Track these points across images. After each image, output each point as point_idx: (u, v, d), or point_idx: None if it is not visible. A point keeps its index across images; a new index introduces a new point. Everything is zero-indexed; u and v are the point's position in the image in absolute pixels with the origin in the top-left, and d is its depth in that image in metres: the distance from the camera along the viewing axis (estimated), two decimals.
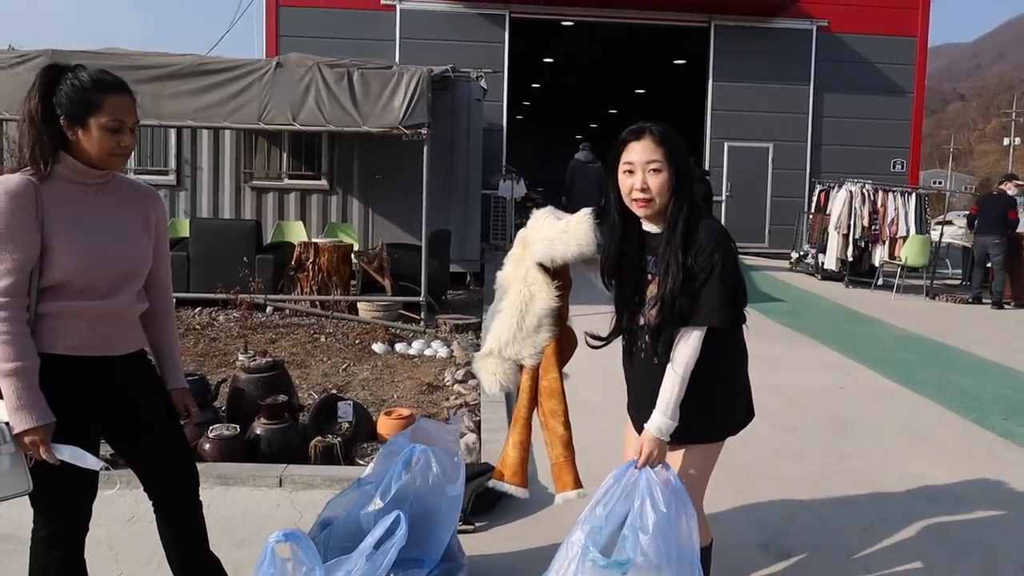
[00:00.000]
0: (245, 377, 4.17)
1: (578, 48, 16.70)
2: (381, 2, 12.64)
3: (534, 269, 2.32)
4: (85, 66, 1.97)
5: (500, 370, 2.36)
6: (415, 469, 2.44)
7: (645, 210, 2.15)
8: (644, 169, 2.12)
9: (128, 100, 1.96)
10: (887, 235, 10.60)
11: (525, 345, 2.33)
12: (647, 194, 2.12)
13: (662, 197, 2.12)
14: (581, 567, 2.00)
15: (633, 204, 2.16)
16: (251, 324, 6.76)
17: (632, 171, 2.14)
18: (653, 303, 2.16)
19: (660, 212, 2.16)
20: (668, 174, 2.11)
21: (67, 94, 1.89)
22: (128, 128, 1.95)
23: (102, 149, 1.92)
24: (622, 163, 2.17)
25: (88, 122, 1.89)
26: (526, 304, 2.32)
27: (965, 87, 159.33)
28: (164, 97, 6.52)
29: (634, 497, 2.05)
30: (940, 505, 3.57)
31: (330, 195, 9.58)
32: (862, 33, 13.66)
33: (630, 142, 2.16)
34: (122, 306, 2.00)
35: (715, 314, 2.09)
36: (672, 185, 2.12)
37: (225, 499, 3.42)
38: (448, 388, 5.37)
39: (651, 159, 2.11)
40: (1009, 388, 5.78)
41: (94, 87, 1.90)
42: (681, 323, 2.10)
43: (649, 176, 2.11)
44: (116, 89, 1.94)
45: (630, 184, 2.14)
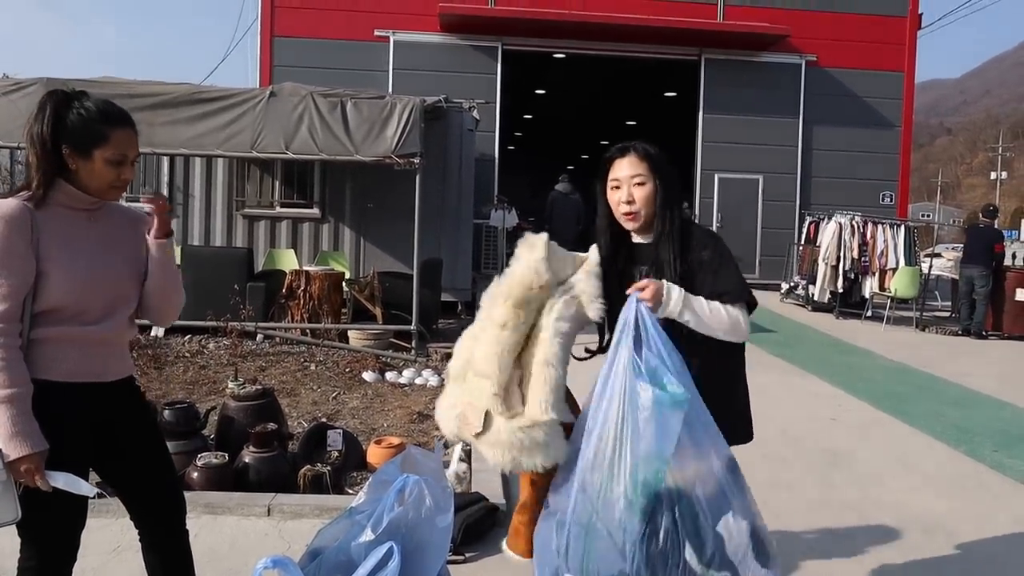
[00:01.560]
0: (234, 405, 4.14)
1: (570, 80, 16.91)
2: (375, 33, 12.80)
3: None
4: (89, 94, 1.97)
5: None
6: (408, 501, 2.41)
7: (633, 223, 2.22)
8: (629, 183, 2.20)
9: (133, 134, 1.97)
10: (877, 267, 10.69)
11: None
12: (633, 206, 2.20)
13: (647, 208, 2.20)
14: (637, 402, 1.89)
15: (622, 218, 2.23)
16: (241, 352, 6.72)
17: (619, 186, 2.22)
18: None
19: (647, 224, 2.23)
20: (652, 186, 2.20)
21: (74, 124, 1.88)
22: (130, 161, 1.96)
23: (102, 181, 1.92)
24: (609, 180, 2.26)
25: (92, 154, 1.89)
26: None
27: (952, 122, 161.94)
28: (158, 125, 6.54)
29: (640, 327, 1.99)
30: (932, 537, 3.55)
31: (322, 223, 9.59)
32: (850, 68, 13.91)
33: (616, 159, 2.26)
34: (114, 331, 1.99)
35: (743, 291, 2.15)
36: (657, 197, 2.20)
37: (212, 528, 3.37)
38: None
39: (635, 173, 2.20)
40: (999, 420, 5.79)
41: (101, 119, 1.90)
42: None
43: (634, 189, 2.20)
44: (123, 123, 1.94)
45: (617, 199, 2.22)
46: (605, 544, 1.97)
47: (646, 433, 1.91)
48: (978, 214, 12.58)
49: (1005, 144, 72.74)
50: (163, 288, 2.09)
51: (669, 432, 1.91)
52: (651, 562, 1.92)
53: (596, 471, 1.98)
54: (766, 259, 13.57)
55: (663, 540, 1.94)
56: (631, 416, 1.93)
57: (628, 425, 1.93)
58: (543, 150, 24.03)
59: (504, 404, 2.06)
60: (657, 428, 1.91)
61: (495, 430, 2.06)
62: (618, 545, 1.95)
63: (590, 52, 13.71)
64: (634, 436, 1.92)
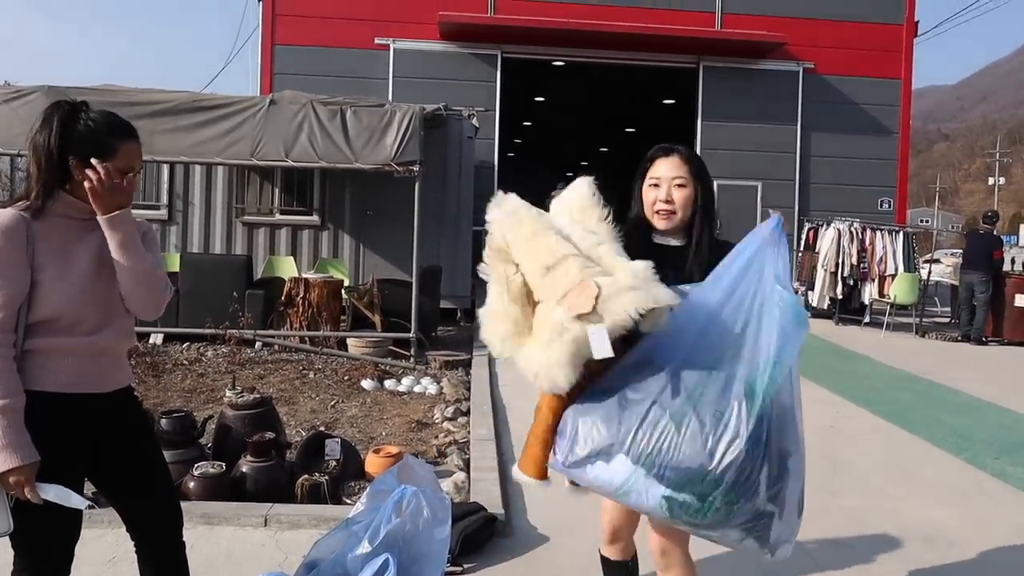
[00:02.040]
0: (232, 414, 4.12)
1: (569, 87, 16.93)
2: (375, 41, 12.82)
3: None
4: (91, 105, 1.97)
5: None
6: (405, 512, 2.40)
7: (667, 222, 2.23)
8: (670, 183, 2.22)
9: (138, 147, 1.98)
10: (876, 273, 10.69)
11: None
12: (671, 206, 2.21)
13: (685, 211, 2.22)
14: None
15: (655, 216, 2.24)
16: (240, 360, 6.70)
17: (658, 185, 2.23)
18: None
19: (679, 227, 2.24)
20: (692, 190, 2.22)
21: (81, 135, 1.88)
22: (134, 174, 1.96)
23: None
24: (648, 178, 2.27)
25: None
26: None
27: (950, 128, 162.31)
28: (158, 133, 6.55)
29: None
30: (933, 546, 3.53)
31: (321, 231, 9.60)
32: (847, 75, 13.92)
33: (658, 158, 2.27)
34: (110, 342, 1.98)
35: None
36: (696, 202, 2.23)
37: (209, 539, 3.35)
38: (437, 425, 5.32)
39: (677, 175, 2.22)
40: (1000, 427, 5.77)
41: (109, 131, 1.90)
42: None
43: (674, 190, 2.21)
44: (130, 135, 1.95)
45: (654, 196, 2.23)
46: (692, 435, 1.80)
47: (778, 337, 1.85)
48: (977, 220, 12.61)
49: (1003, 150, 72.86)
50: (126, 274, 1.93)
51: (795, 343, 1.86)
52: (742, 468, 1.78)
53: (707, 357, 1.87)
54: None
55: (756, 450, 1.81)
56: (766, 315, 1.86)
57: (763, 322, 1.86)
58: (543, 157, 24.06)
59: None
60: (786, 336, 1.85)
61: (609, 285, 1.81)
62: (709, 440, 1.80)
63: (589, 60, 13.73)
64: (767, 335, 1.85)
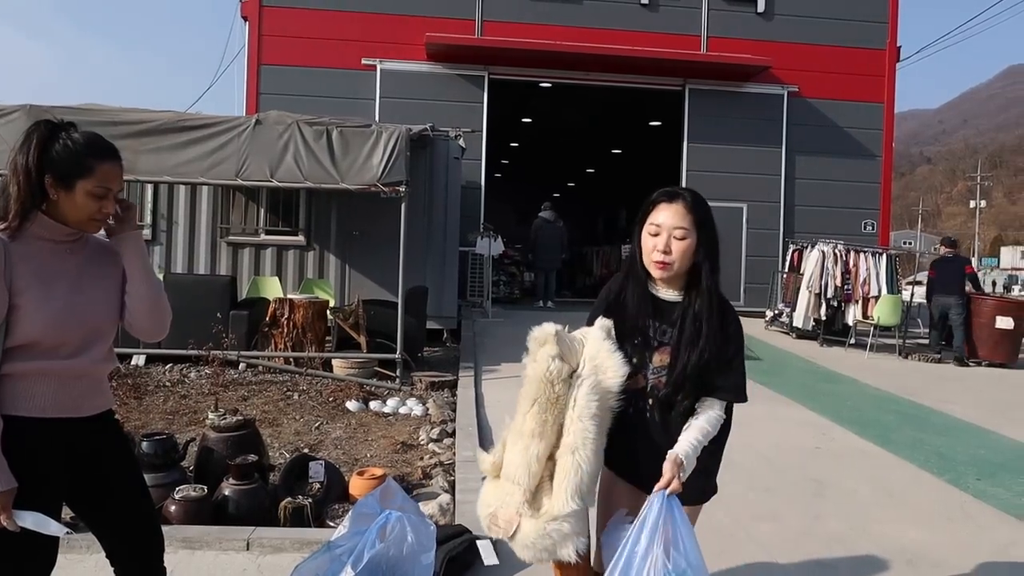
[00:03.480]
0: (214, 436, 4.08)
1: (556, 109, 17.06)
2: (362, 62, 12.88)
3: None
4: (76, 125, 1.95)
5: None
6: (389, 537, 2.38)
7: (663, 272, 2.16)
8: (670, 232, 2.14)
9: (118, 167, 1.96)
10: (860, 295, 10.77)
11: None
12: (668, 257, 2.14)
13: (682, 263, 2.15)
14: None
15: (652, 265, 2.17)
16: (223, 381, 6.64)
17: (658, 233, 2.16)
18: (662, 372, 2.18)
19: (676, 278, 2.18)
20: (692, 242, 2.14)
21: (59, 154, 1.87)
22: (113, 195, 1.94)
23: (82, 213, 1.90)
24: (648, 223, 2.19)
25: (75, 185, 1.87)
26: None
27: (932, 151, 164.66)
28: (142, 152, 6.52)
29: (669, 525, 2.00)
30: (917, 568, 3.54)
31: (307, 251, 9.57)
32: (831, 98, 14.13)
33: (660, 203, 2.19)
34: (90, 365, 1.96)
35: (743, 392, 2.18)
36: (696, 252, 2.15)
37: (190, 564, 3.30)
38: (423, 447, 5.28)
39: (679, 225, 2.13)
40: (982, 448, 5.81)
41: (88, 151, 1.89)
42: (699, 393, 2.14)
43: (673, 241, 2.13)
44: (109, 156, 1.93)
45: (652, 244, 2.16)
46: None
47: None
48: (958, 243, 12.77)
49: (983, 173, 74.05)
50: (146, 296, 2.01)
51: None
52: None
53: None
54: (751, 287, 13.64)
55: None
56: None
57: None
58: (529, 178, 24.16)
59: (533, 506, 2.13)
60: None
61: (524, 533, 2.11)
62: None
63: (576, 82, 13.85)
64: None
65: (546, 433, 2.12)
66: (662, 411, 2.17)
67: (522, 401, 2.18)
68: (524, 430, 2.15)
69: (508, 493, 2.16)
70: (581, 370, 2.17)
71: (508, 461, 2.18)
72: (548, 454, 2.14)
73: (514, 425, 2.21)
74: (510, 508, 2.14)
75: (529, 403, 2.15)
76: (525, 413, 2.16)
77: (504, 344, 8.70)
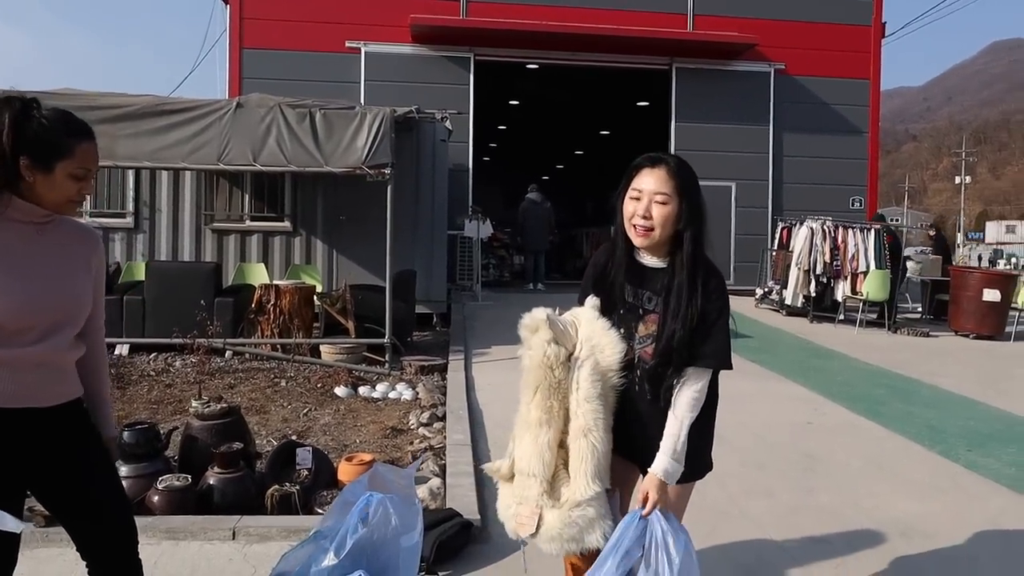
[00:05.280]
0: (198, 424, 4.01)
1: (543, 91, 16.92)
2: (346, 45, 12.71)
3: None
4: (42, 103, 1.86)
5: None
6: (372, 522, 2.33)
7: (644, 239, 2.11)
8: (651, 198, 2.08)
9: (95, 147, 1.89)
10: (848, 270, 10.77)
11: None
12: (648, 222, 2.08)
13: (664, 229, 2.09)
14: None
15: (632, 230, 2.12)
16: (209, 370, 6.56)
17: (639, 198, 2.11)
18: (649, 341, 2.13)
19: (658, 245, 2.13)
20: (674, 208, 2.08)
21: (36, 135, 1.78)
22: (91, 175, 1.87)
23: (61, 195, 1.83)
24: (631, 188, 2.14)
25: (54, 166, 1.79)
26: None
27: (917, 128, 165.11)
28: (120, 138, 6.39)
29: (650, 551, 1.98)
30: (910, 540, 3.52)
31: (293, 237, 9.46)
32: (818, 75, 14.07)
33: (643, 168, 2.14)
34: (55, 352, 1.88)
35: (727, 358, 2.11)
36: (679, 219, 2.09)
37: (174, 555, 3.24)
38: (413, 431, 5.23)
39: (660, 190, 2.08)
40: (972, 420, 5.82)
41: (66, 131, 1.81)
42: (686, 364, 2.08)
43: (655, 206, 2.08)
44: (87, 135, 1.86)
45: (632, 210, 2.11)
46: None
47: None
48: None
49: (968, 149, 74.25)
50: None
51: None
52: None
53: None
54: (740, 265, 13.62)
55: None
56: None
57: None
58: (518, 161, 24.02)
59: (552, 496, 2.08)
60: None
61: (548, 524, 2.07)
62: None
63: (562, 62, 13.72)
64: None
65: (553, 419, 2.08)
66: (651, 382, 2.12)
67: (524, 391, 2.14)
68: (531, 420, 2.11)
69: (525, 487, 2.11)
70: (579, 352, 2.13)
71: (520, 455, 2.13)
72: (559, 441, 2.10)
73: (520, 417, 2.16)
74: (530, 502, 2.09)
75: (532, 392, 2.11)
76: (529, 403, 2.11)
77: (494, 327, 8.65)
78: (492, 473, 2.24)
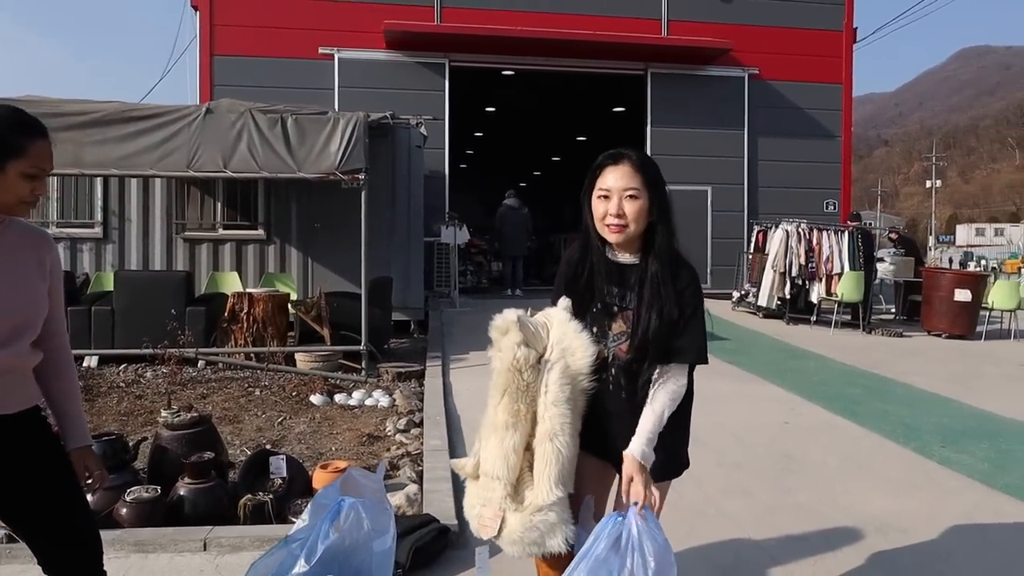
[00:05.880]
0: (168, 434, 3.92)
1: (519, 97, 16.95)
2: (319, 51, 12.64)
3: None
4: None
5: None
6: (343, 526, 2.28)
7: (618, 236, 2.09)
8: (621, 195, 2.07)
9: (49, 145, 1.83)
10: (823, 272, 10.87)
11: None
12: (622, 220, 2.06)
13: (638, 224, 2.08)
14: None
15: (606, 230, 2.10)
16: (180, 380, 6.45)
17: (608, 196, 2.09)
18: (623, 338, 2.10)
19: (631, 240, 2.11)
20: (645, 202, 2.07)
21: None
22: (45, 174, 1.81)
23: (13, 195, 1.76)
24: (597, 189, 2.12)
25: (6, 166, 1.73)
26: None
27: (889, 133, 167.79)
28: (87, 145, 6.28)
29: (625, 553, 1.93)
30: (887, 536, 3.53)
31: (267, 245, 9.36)
32: (791, 80, 14.24)
33: (607, 167, 2.12)
34: (18, 358, 1.82)
35: (704, 352, 2.09)
36: (650, 212, 2.08)
37: (143, 568, 3.16)
38: (389, 438, 5.17)
39: (628, 185, 2.07)
40: (945, 417, 5.87)
41: (18, 129, 1.75)
42: (663, 360, 2.06)
43: (625, 202, 2.06)
44: (40, 133, 1.80)
45: (604, 210, 2.09)
46: None
47: None
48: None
49: (938, 154, 75.53)
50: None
51: None
52: None
53: None
54: (717, 268, 13.72)
55: None
56: None
57: None
58: (495, 168, 24.02)
59: (516, 499, 2.07)
60: None
61: (510, 528, 2.06)
62: None
63: (538, 68, 13.75)
64: None
65: (520, 423, 2.06)
66: (626, 380, 2.10)
67: (492, 393, 2.12)
68: (497, 422, 2.09)
69: (489, 490, 2.10)
70: (549, 355, 2.10)
71: (485, 457, 2.12)
72: (525, 444, 2.08)
73: (487, 419, 2.14)
74: (493, 504, 2.09)
75: (499, 394, 2.09)
76: (496, 405, 2.10)
77: (472, 333, 8.60)
78: (458, 470, 2.22)
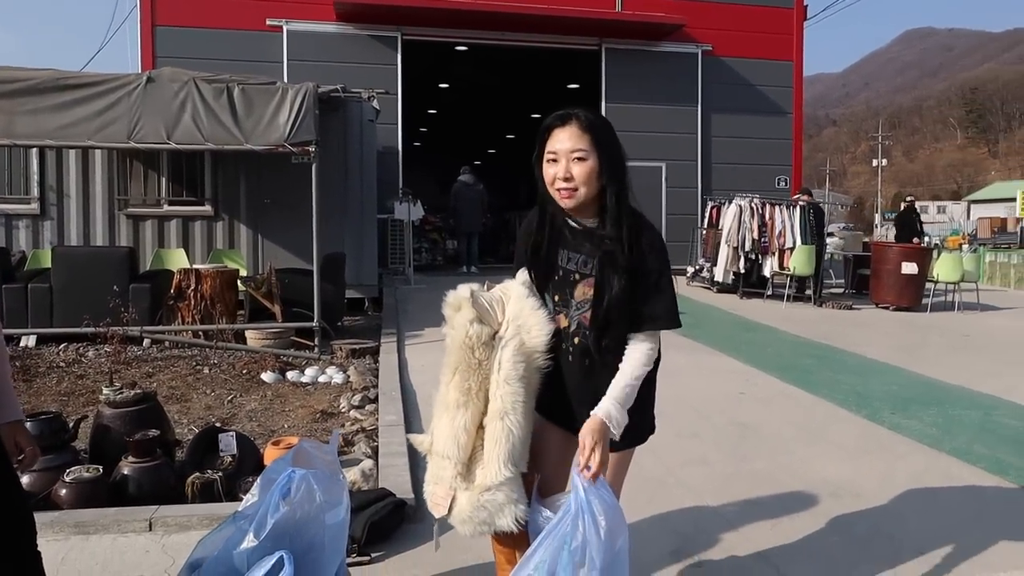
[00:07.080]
0: (110, 412, 3.75)
1: (473, 73, 16.74)
2: (267, 22, 12.25)
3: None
4: None
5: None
6: (294, 499, 2.18)
7: (570, 200, 2.00)
8: (568, 157, 1.98)
9: None
10: (776, 247, 11.02)
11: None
12: (571, 183, 1.98)
13: (588, 187, 1.99)
14: None
15: (557, 195, 2.02)
16: (125, 359, 6.21)
17: (556, 159, 2.00)
18: (586, 306, 2.03)
19: (586, 204, 2.03)
20: (595, 162, 1.98)
21: None
22: None
23: None
24: (546, 152, 2.03)
25: None
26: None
27: (837, 113, 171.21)
28: (19, 114, 5.97)
29: (577, 519, 1.86)
30: (841, 500, 3.58)
31: (215, 221, 9.07)
32: (743, 57, 14.33)
33: (554, 129, 2.03)
34: None
35: (675, 316, 2.04)
36: (601, 174, 1.99)
37: (84, 550, 3.02)
38: (344, 414, 5.07)
39: (576, 147, 1.98)
40: (894, 384, 6.01)
41: None
42: (632, 329, 2.00)
43: (573, 164, 1.98)
44: None
45: (552, 173, 2.01)
46: None
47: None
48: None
49: (884, 133, 77.35)
50: None
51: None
52: None
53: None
54: (672, 244, 13.28)
55: None
56: None
57: None
58: (449, 146, 23.78)
59: (467, 478, 2.02)
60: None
61: (460, 507, 2.04)
62: None
63: (492, 42, 13.57)
64: None
65: (471, 401, 2.02)
66: (594, 346, 2.03)
67: (444, 371, 2.07)
68: (448, 401, 2.04)
69: (441, 468, 2.06)
70: (504, 331, 2.04)
71: (437, 435, 2.07)
72: (477, 423, 2.03)
73: (439, 397, 2.09)
74: (444, 483, 2.05)
75: (451, 372, 2.04)
76: (448, 383, 2.04)
77: (427, 309, 8.48)
78: (417, 446, 2.17)
